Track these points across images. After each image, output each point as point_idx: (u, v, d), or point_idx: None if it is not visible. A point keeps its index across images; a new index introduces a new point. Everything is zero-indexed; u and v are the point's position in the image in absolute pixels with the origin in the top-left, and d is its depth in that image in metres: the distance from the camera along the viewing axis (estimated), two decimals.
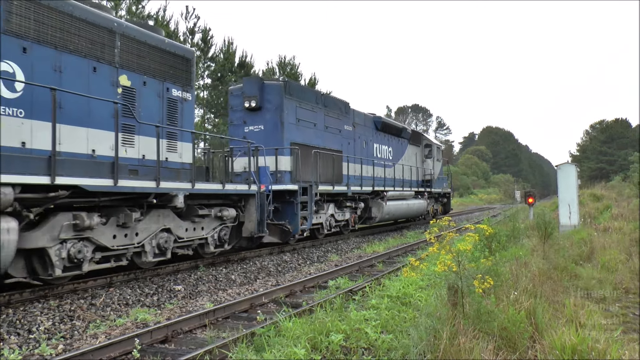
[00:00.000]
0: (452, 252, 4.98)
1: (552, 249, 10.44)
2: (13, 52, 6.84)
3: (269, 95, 13.76)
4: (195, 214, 9.90)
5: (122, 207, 8.33)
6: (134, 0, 24.72)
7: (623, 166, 61.79)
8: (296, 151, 13.68)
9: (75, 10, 7.78)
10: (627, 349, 4.62)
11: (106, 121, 8.07)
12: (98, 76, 8.13)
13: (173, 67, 9.73)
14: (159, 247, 9.14)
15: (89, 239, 7.75)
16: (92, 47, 8.06)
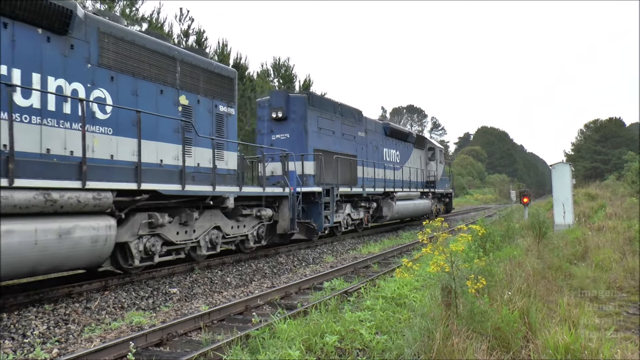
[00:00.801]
0: (445, 253, 4.99)
1: (547, 249, 10.48)
2: (104, 81, 8.37)
3: (294, 106, 15.27)
4: (240, 213, 11.41)
5: (183, 208, 9.78)
6: (127, 3, 24.68)
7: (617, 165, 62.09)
8: (320, 157, 15.17)
9: (147, 43, 9.27)
10: (620, 348, 4.64)
11: (170, 135, 9.62)
12: (164, 97, 9.63)
13: (220, 86, 11.20)
14: (211, 242, 10.67)
15: (159, 235, 9.24)
16: (160, 73, 9.54)
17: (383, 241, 17.40)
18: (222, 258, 11.56)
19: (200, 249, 10.34)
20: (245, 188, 11.04)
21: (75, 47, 7.90)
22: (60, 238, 6.95)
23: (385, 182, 20.01)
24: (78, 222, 7.25)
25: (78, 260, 7.39)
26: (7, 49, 6.94)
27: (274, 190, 12.33)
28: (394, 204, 19.74)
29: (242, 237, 11.67)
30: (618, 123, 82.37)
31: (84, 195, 7.35)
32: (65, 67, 7.73)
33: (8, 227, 6.31)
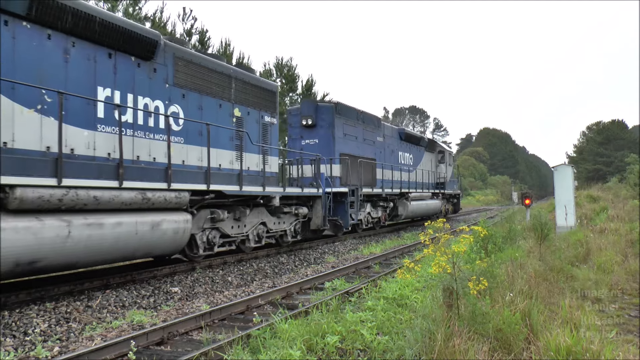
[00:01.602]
0: (447, 254, 4.99)
1: (549, 251, 10.46)
2: (177, 98, 9.91)
3: (323, 114, 16.80)
4: (281, 211, 12.81)
5: (237, 206, 11.27)
6: (131, 2, 24.70)
7: (620, 167, 61.93)
8: (346, 160, 16.80)
9: (209, 64, 10.81)
10: (622, 350, 4.63)
11: (227, 143, 11.19)
12: (222, 110, 11.16)
13: (265, 99, 12.71)
14: (258, 236, 12.18)
15: (218, 228, 10.77)
16: (219, 89, 11.06)
17: (384, 242, 17.38)
18: (224, 257, 11.57)
19: (249, 241, 11.96)
20: (288, 189, 12.79)
21: (157, 70, 9.44)
22: (152, 229, 8.48)
23: (401, 183, 21.62)
24: (165, 217, 8.79)
25: (164, 247, 8.94)
26: (111, 74, 8.46)
27: (310, 190, 13.87)
28: (409, 203, 21.32)
29: (281, 232, 13.25)
30: (621, 125, 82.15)
31: (169, 194, 8.87)
32: (150, 88, 9.27)
33: (118, 219, 7.85)
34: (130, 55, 8.79)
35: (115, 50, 8.48)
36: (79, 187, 7.28)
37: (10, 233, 6.38)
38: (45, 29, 7.42)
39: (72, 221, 7.14)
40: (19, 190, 6.52)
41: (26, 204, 6.60)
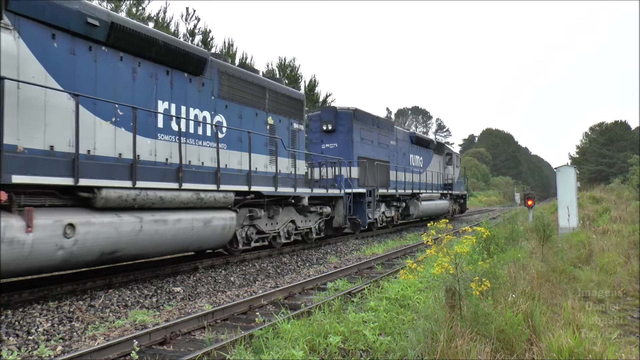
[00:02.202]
0: (449, 255, 4.99)
1: (551, 252, 10.45)
2: (221, 108, 11.04)
3: (342, 120, 17.95)
4: (308, 210, 13.88)
5: (271, 205, 12.40)
6: (134, 2, 24.74)
7: (622, 168, 61.83)
8: (363, 163, 17.96)
9: (247, 77, 12.01)
10: (624, 352, 4.63)
11: (262, 148, 12.35)
12: (258, 119, 12.32)
13: (293, 108, 13.94)
14: (288, 233, 13.39)
15: (255, 225, 11.96)
16: (255, 100, 12.20)
17: (387, 242, 17.38)
18: (226, 258, 11.58)
19: (279, 237, 13.11)
20: (315, 190, 14.03)
21: (205, 84, 10.56)
22: (205, 225, 9.67)
23: (412, 184, 22.95)
24: (214, 214, 9.97)
25: (213, 241, 10.20)
26: (168, 89, 9.62)
27: (333, 191, 15.11)
28: (420, 204, 22.65)
29: (307, 229, 14.41)
30: (623, 126, 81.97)
31: (218, 194, 10.03)
32: (199, 100, 10.40)
33: (178, 216, 9.03)
34: (183, 72, 9.97)
35: (171, 68, 9.67)
36: (148, 188, 8.47)
37: (98, 227, 7.50)
38: (118, 52, 8.54)
39: (143, 217, 8.31)
40: (104, 191, 7.64)
41: (109, 203, 7.73)
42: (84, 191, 7.50)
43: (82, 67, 7.88)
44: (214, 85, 10.81)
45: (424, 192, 24.02)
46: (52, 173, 6.99)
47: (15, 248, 6.36)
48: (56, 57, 7.49)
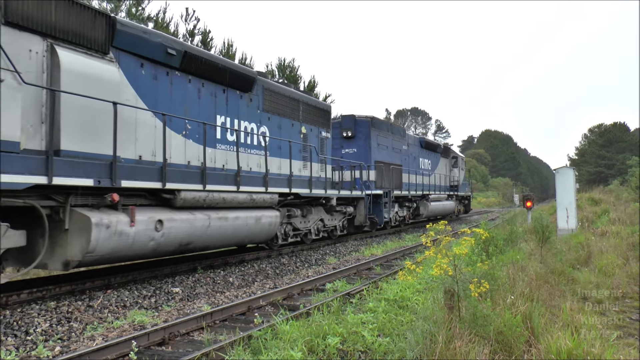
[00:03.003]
0: (448, 256, 4.99)
1: (550, 253, 10.45)
2: (265, 120, 12.56)
3: (360, 127, 19.55)
4: (334, 210, 15.49)
5: (304, 205, 13.94)
6: (134, 2, 24.73)
7: (621, 170, 61.89)
8: (380, 167, 19.59)
9: (285, 92, 13.59)
10: (623, 353, 4.63)
11: (297, 155, 13.82)
12: (293, 129, 13.89)
13: (322, 117, 15.58)
14: (317, 230, 14.92)
15: (291, 223, 13.42)
16: (291, 112, 13.77)
17: (386, 243, 17.38)
18: (225, 258, 11.58)
19: (310, 234, 14.61)
20: (342, 191, 15.70)
21: (252, 100, 12.06)
22: (256, 222, 11.14)
23: (422, 186, 24.55)
24: (263, 213, 11.46)
25: (262, 236, 11.72)
26: (224, 105, 11.16)
27: (356, 193, 16.64)
28: (429, 204, 24.41)
29: (333, 227, 15.96)
30: (622, 128, 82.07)
31: (266, 196, 11.50)
32: (248, 114, 11.88)
33: (236, 214, 10.56)
34: (236, 89, 11.47)
35: (227, 87, 11.17)
36: (214, 190, 9.95)
37: (178, 223, 8.91)
38: (187, 75, 10.05)
39: (210, 215, 9.76)
40: (182, 193, 9.11)
41: (186, 203, 9.22)
42: (167, 193, 8.97)
43: (162, 89, 9.42)
44: (259, 100, 12.39)
45: (433, 193, 25.74)
46: (142, 178, 8.36)
47: (123, 238, 7.78)
48: (143, 82, 8.98)
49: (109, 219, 7.56)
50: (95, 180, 7.40)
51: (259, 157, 12.00)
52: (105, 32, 8.20)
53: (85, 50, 7.90)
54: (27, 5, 6.96)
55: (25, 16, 6.94)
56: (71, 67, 7.46)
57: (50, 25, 7.31)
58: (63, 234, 7.36)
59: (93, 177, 7.39)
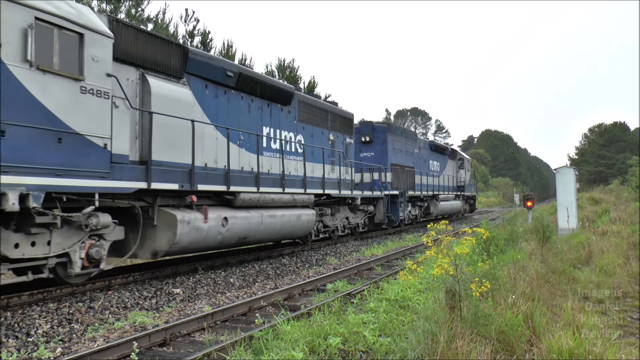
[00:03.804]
0: (449, 256, 4.98)
1: (551, 253, 10.44)
2: (300, 130, 14.14)
3: (377, 132, 21.17)
4: (357, 208, 17.01)
5: (333, 204, 15.56)
6: (133, 3, 24.73)
7: (621, 170, 61.87)
8: (396, 169, 21.06)
9: (316, 104, 15.32)
10: (624, 353, 4.63)
11: (326, 159, 15.13)
12: (323, 136, 15.47)
13: (346, 125, 17.18)
14: (343, 227, 16.53)
15: (322, 221, 15.03)
16: (321, 121, 15.38)
17: (386, 243, 17.38)
18: (225, 258, 11.58)
19: (337, 230, 16.23)
20: (365, 192, 17.28)
21: (290, 111, 13.65)
22: (297, 219, 12.69)
23: (432, 187, 26.32)
24: (303, 211, 13.02)
25: (301, 232, 13.31)
26: (268, 117, 12.63)
27: (377, 193, 18.29)
28: (439, 204, 26.49)
29: (355, 224, 17.44)
30: (622, 127, 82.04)
31: (304, 196, 13.14)
32: (287, 124, 13.46)
33: (282, 212, 12.01)
34: (278, 103, 13.03)
35: (271, 101, 12.70)
36: (265, 192, 11.46)
37: (239, 220, 10.50)
38: (241, 93, 11.56)
39: (262, 213, 11.31)
40: (242, 194, 10.66)
41: (244, 203, 10.80)
42: (229, 195, 10.47)
43: (221, 105, 10.92)
44: (296, 112, 13.95)
45: (442, 193, 27.73)
46: (211, 182, 9.92)
47: (198, 232, 9.34)
48: (207, 100, 10.49)
49: (189, 217, 9.14)
50: (180, 185, 9.01)
51: (296, 162, 13.56)
52: (181, 60, 9.81)
53: (167, 76, 9.51)
54: (126, 42, 8.42)
55: (125, 52, 8.42)
56: (158, 91, 9.04)
57: (141, 57, 8.85)
58: (151, 229, 8.83)
59: (177, 182, 8.99)
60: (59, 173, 6.87)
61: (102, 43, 7.67)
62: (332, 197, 15.05)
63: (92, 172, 7.36)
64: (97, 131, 7.47)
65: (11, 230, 6.65)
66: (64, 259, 7.37)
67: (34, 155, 6.60)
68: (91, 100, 7.42)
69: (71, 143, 7.07)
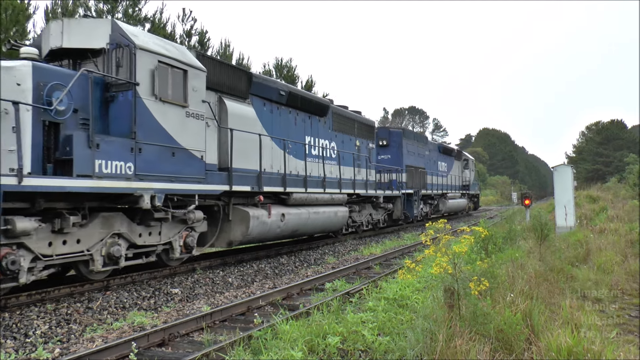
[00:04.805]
0: (447, 255, 4.98)
1: (549, 251, 10.46)
2: (333, 138, 16.17)
3: (394, 137, 23.22)
4: (379, 206, 19.25)
5: (359, 202, 17.58)
6: (130, 3, 24.68)
7: (619, 167, 61.97)
8: (410, 170, 23.24)
9: (346, 114, 17.40)
10: (623, 350, 4.63)
11: (352, 163, 17.08)
12: (351, 143, 17.40)
13: (369, 132, 19.29)
14: (367, 222, 18.62)
15: (351, 217, 16.87)
16: (349, 129, 17.36)
17: (384, 242, 17.39)
18: (224, 258, 11.57)
19: (362, 226, 18.26)
20: (387, 191, 19.56)
21: (326, 122, 15.74)
22: (335, 215, 14.87)
23: (441, 186, 28.60)
24: (338, 208, 15.21)
25: (337, 226, 15.68)
26: (309, 128, 14.72)
27: (395, 192, 20.50)
28: (447, 202, 29.01)
29: (377, 220, 19.44)
30: (620, 125, 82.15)
31: (340, 196, 15.38)
32: (324, 133, 15.54)
33: (323, 209, 14.19)
34: (316, 115, 15.14)
35: (311, 114, 14.82)
36: (311, 192, 13.59)
37: (292, 216, 12.55)
38: (289, 108, 13.62)
39: (309, 210, 13.40)
40: (294, 194, 12.77)
41: (295, 202, 12.88)
42: (284, 195, 12.51)
43: (275, 120, 12.90)
44: (330, 122, 16.02)
45: (450, 192, 30.10)
46: (272, 185, 11.94)
47: (264, 226, 11.46)
48: (265, 115, 12.44)
49: (258, 213, 11.26)
50: (251, 187, 11.07)
51: (331, 166, 15.56)
52: (247, 84, 11.82)
53: (237, 98, 11.49)
54: (209, 72, 10.02)
55: (208, 80, 10.01)
56: (232, 111, 11.02)
57: (219, 83, 10.78)
58: (227, 223, 10.95)
59: (249, 185, 11.02)
60: (172, 179, 8.84)
61: (198, 76, 9.64)
62: (360, 196, 17.04)
63: (194, 178, 9.37)
64: (197, 146, 9.46)
65: (136, 223, 8.71)
66: (167, 246, 9.43)
67: (158, 166, 8.53)
68: (192, 122, 9.39)
69: (180, 156, 9.04)
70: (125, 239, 8.48)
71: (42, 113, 7.16)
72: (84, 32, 8.54)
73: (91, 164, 7.35)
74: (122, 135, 8.05)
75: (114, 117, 8.22)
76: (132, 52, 8.20)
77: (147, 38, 8.99)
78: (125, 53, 8.21)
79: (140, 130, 8.15)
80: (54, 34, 8.58)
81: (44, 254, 7.14)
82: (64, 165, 7.37)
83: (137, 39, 8.43)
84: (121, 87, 8.19)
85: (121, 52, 8.22)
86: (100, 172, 7.46)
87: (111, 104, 8.24)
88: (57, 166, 7.42)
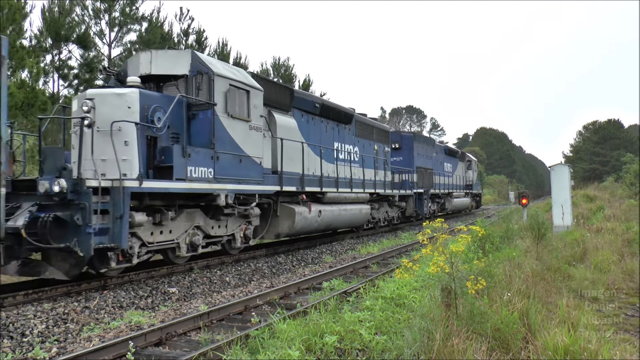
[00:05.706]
0: (444, 254, 4.99)
1: (546, 250, 10.48)
2: (356, 143, 17.78)
3: (405, 140, 25.08)
4: (394, 204, 21.09)
5: (378, 201, 19.40)
6: (127, 2, 24.64)
7: (616, 167, 62.09)
8: (420, 171, 25.11)
9: (366, 121, 19.12)
10: (619, 349, 4.65)
11: (371, 164, 18.67)
12: (370, 147, 19.00)
13: (385, 137, 20.89)
14: (384, 219, 20.38)
15: (371, 214, 18.28)
16: (369, 134, 19.05)
17: (382, 241, 17.40)
18: (221, 258, 11.57)
19: (380, 222, 19.97)
20: (401, 191, 21.39)
21: (350, 129, 17.38)
22: (359, 212, 16.75)
23: (448, 186, 30.63)
24: (362, 206, 17.07)
25: (361, 222, 17.66)
26: (337, 134, 16.36)
27: (408, 192, 22.28)
28: (453, 200, 30.77)
29: (392, 217, 21.24)
30: (617, 125, 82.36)
31: (364, 195, 17.16)
32: (349, 139, 17.23)
33: (350, 207, 16.06)
34: (342, 123, 16.83)
35: (338, 122, 16.46)
36: (341, 192, 15.47)
37: (327, 212, 14.41)
38: (322, 118, 15.37)
39: (340, 207, 15.30)
40: (328, 194, 14.65)
41: (329, 200, 14.71)
42: (319, 194, 14.26)
43: (310, 128, 14.66)
44: (354, 129, 17.68)
45: (455, 191, 31.97)
46: (311, 185, 13.77)
47: (306, 221, 13.26)
48: (303, 125, 14.16)
49: (301, 209, 13.05)
50: (296, 187, 12.91)
51: (355, 168, 17.10)
52: (289, 98, 13.65)
53: (282, 111, 13.25)
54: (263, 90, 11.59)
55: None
56: (280, 122, 12.78)
57: (268, 98, 12.12)
58: (275, 218, 12.70)
59: (294, 185, 12.87)
60: (240, 181, 10.65)
61: (257, 95, 11.39)
62: (379, 195, 18.82)
63: (255, 180, 11.19)
64: (257, 153, 11.24)
65: (209, 218, 10.50)
66: (230, 237, 11.28)
67: (230, 170, 10.35)
68: (254, 133, 11.16)
69: (246, 162, 10.85)
70: (202, 231, 10.32)
71: (146, 129, 8.81)
72: (169, 61, 10.25)
73: (185, 170, 9.14)
74: (202, 146, 9.76)
75: (195, 131, 9.94)
76: (211, 79, 9.93)
77: (221, 65, 10.79)
78: (205, 79, 9.94)
79: (217, 142, 9.95)
80: (144, 63, 10.23)
81: (148, 241, 8.90)
82: (161, 171, 9.09)
83: (214, 67, 10.20)
84: (201, 106, 9.90)
85: (201, 78, 9.94)
86: (191, 176, 9.25)
87: (192, 120, 9.95)
88: (155, 172, 9.11)
